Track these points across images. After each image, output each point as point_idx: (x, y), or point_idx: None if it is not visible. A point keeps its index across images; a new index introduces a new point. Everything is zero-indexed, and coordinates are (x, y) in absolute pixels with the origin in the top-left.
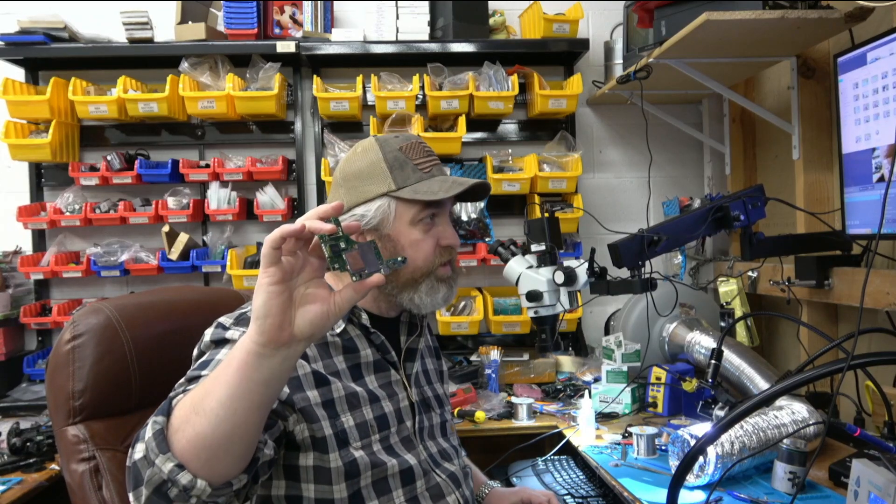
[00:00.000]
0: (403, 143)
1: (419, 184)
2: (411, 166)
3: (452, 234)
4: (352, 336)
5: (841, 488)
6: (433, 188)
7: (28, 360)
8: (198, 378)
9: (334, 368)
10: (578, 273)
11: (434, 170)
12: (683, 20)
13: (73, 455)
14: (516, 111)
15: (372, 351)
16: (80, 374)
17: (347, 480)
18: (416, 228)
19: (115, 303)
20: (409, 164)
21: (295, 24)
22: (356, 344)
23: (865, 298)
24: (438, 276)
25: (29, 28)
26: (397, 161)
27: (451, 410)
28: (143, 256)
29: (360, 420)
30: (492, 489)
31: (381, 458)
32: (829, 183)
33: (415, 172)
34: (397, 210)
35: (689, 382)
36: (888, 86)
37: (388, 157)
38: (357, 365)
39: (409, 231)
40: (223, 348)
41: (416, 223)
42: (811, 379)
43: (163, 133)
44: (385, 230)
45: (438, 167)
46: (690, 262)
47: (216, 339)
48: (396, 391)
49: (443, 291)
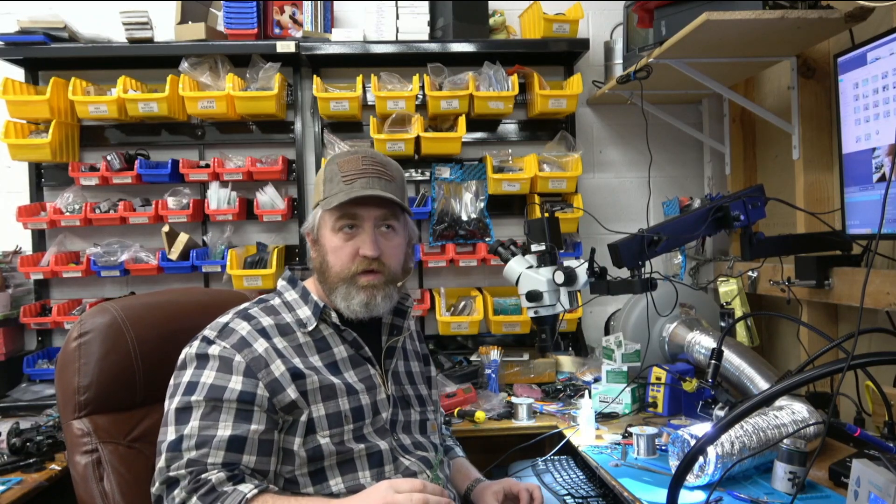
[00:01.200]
0: (345, 157)
1: (334, 195)
2: (338, 178)
3: (370, 244)
4: (324, 335)
5: (841, 488)
6: (337, 198)
7: (28, 360)
8: (189, 409)
9: (311, 365)
10: (578, 273)
11: (358, 182)
12: (683, 20)
13: (77, 447)
14: (516, 111)
15: (345, 347)
16: (85, 371)
17: (310, 462)
18: (337, 236)
19: (121, 303)
20: (337, 177)
21: (295, 24)
22: (329, 342)
23: (865, 298)
24: (358, 284)
25: (29, 28)
26: (330, 175)
27: (440, 414)
28: (143, 256)
29: (332, 410)
30: (480, 482)
31: (348, 445)
32: (829, 183)
33: (338, 184)
34: (322, 218)
35: (689, 382)
36: (888, 86)
37: (327, 171)
38: (333, 362)
39: (331, 237)
40: (206, 364)
41: (336, 231)
42: (811, 379)
43: (163, 133)
44: (316, 236)
45: (368, 179)
46: (690, 262)
47: (200, 354)
48: (376, 384)
49: (359, 298)
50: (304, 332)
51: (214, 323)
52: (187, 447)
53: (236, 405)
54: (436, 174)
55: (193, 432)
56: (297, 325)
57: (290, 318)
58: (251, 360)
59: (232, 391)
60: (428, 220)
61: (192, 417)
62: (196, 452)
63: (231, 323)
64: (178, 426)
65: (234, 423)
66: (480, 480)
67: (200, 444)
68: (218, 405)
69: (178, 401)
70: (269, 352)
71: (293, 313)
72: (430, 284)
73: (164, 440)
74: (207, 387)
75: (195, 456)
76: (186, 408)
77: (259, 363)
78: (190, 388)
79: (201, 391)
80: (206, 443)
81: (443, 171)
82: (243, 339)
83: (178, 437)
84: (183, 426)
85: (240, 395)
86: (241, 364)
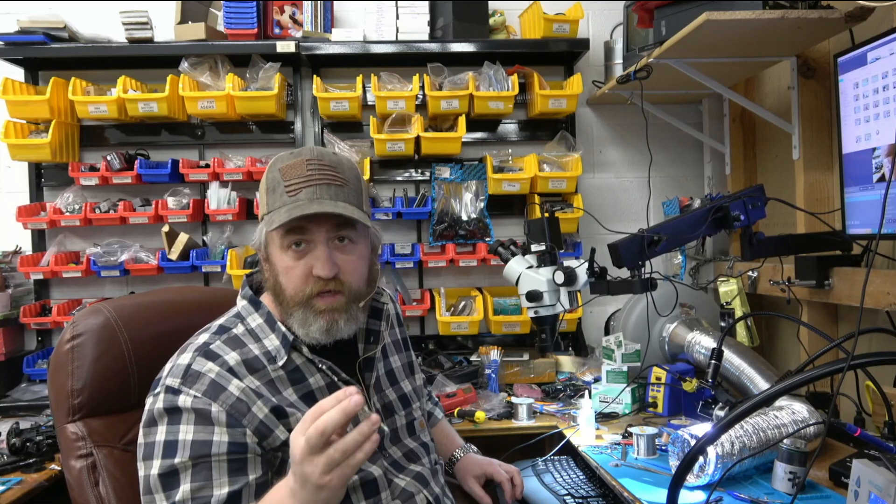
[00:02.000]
0: (288, 161)
1: (279, 210)
2: (281, 189)
3: (324, 263)
4: (297, 364)
5: (841, 488)
6: (278, 216)
7: (28, 360)
8: (175, 473)
9: (289, 401)
10: (578, 273)
11: (303, 192)
12: (683, 20)
13: (72, 451)
14: (516, 111)
15: (321, 376)
16: (78, 373)
17: None
18: (287, 254)
19: (115, 303)
20: (280, 187)
21: (295, 24)
22: (303, 372)
23: (865, 298)
24: (315, 308)
25: (29, 28)
26: (272, 184)
27: (423, 390)
28: (143, 256)
29: None
30: (467, 454)
31: None
32: (829, 183)
33: (281, 196)
34: (268, 235)
35: (689, 382)
36: (888, 86)
37: (268, 180)
38: (309, 393)
39: (280, 256)
40: (180, 419)
41: (285, 249)
42: (811, 379)
43: (163, 133)
44: (265, 253)
45: (313, 188)
46: (690, 262)
47: (168, 408)
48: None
49: (318, 324)
50: (273, 367)
51: (174, 366)
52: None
53: (227, 458)
54: (436, 174)
55: (186, 497)
56: (266, 359)
57: (258, 349)
58: (230, 406)
59: (219, 444)
60: (428, 220)
61: (182, 481)
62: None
63: (194, 365)
64: (167, 493)
65: (230, 479)
66: (465, 450)
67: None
68: (206, 462)
69: (158, 465)
70: (248, 392)
71: (259, 344)
72: (430, 284)
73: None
74: (189, 444)
75: None
76: (171, 472)
77: (240, 408)
78: (169, 448)
79: (183, 451)
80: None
81: (443, 171)
82: (214, 382)
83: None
84: (174, 492)
85: (229, 447)
86: (220, 414)
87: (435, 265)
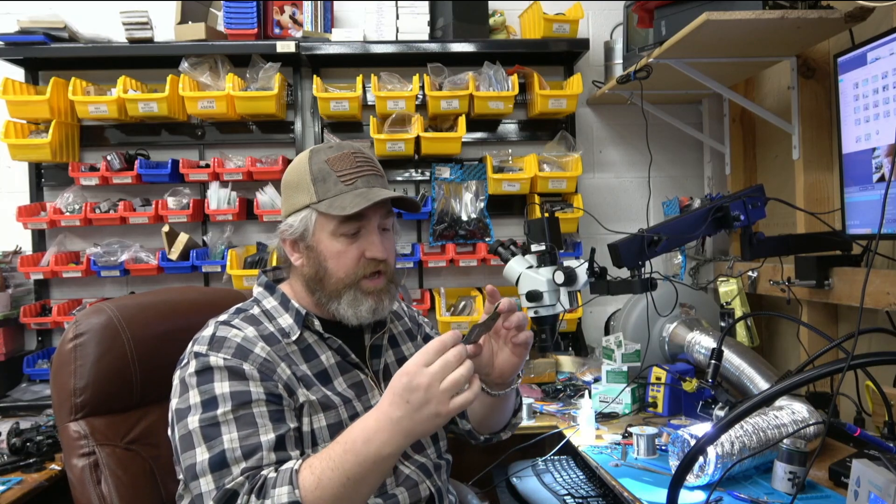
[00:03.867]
0: (333, 153)
1: (337, 197)
2: (333, 178)
3: (378, 247)
4: (309, 343)
5: (841, 488)
6: (345, 202)
7: (28, 360)
8: (217, 425)
9: (305, 373)
10: (578, 273)
11: (359, 181)
12: (683, 20)
13: (74, 450)
14: (516, 111)
15: (332, 354)
16: (81, 372)
17: None
18: (338, 240)
19: (117, 303)
20: (332, 177)
21: (295, 24)
22: (315, 350)
23: (865, 298)
24: (363, 289)
25: (29, 28)
26: (321, 173)
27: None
28: (143, 256)
29: (333, 420)
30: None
31: None
32: (829, 183)
33: (336, 185)
34: (318, 222)
35: (689, 382)
36: (888, 86)
37: (314, 170)
38: (323, 371)
39: (330, 242)
40: (213, 377)
41: (337, 235)
42: (811, 379)
43: (163, 133)
44: (309, 240)
45: (367, 178)
46: (690, 262)
47: (200, 370)
48: (367, 389)
49: (367, 304)
50: (287, 342)
51: (199, 338)
52: (235, 459)
53: (266, 407)
54: (436, 174)
55: (235, 444)
56: (281, 335)
57: (272, 327)
58: (260, 365)
59: (257, 394)
60: (428, 220)
61: (226, 430)
62: (248, 461)
63: (218, 333)
64: (210, 443)
65: (274, 425)
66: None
67: (250, 453)
68: (249, 411)
69: (198, 420)
70: (272, 355)
71: (274, 322)
72: (430, 284)
73: (195, 461)
74: (228, 396)
75: (250, 464)
76: (213, 424)
77: (269, 367)
78: (208, 404)
79: (224, 402)
80: (254, 450)
81: (443, 171)
82: (240, 346)
83: (217, 454)
84: (218, 442)
85: (267, 397)
86: (252, 371)
87: (435, 265)
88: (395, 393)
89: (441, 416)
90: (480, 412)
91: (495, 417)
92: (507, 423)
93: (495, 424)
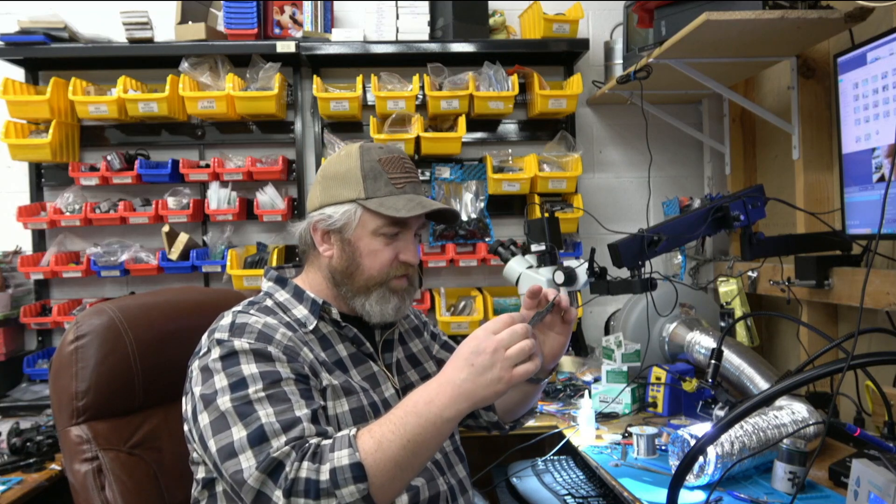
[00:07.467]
0: (385, 155)
1: (387, 198)
2: (385, 179)
3: (413, 252)
4: (324, 333)
5: (841, 488)
6: (398, 205)
7: (28, 360)
8: (251, 403)
9: (325, 360)
10: (578, 273)
11: (407, 187)
12: (683, 20)
13: (76, 455)
14: (516, 111)
15: (346, 345)
16: (83, 375)
17: None
18: (377, 239)
19: (119, 303)
20: (384, 177)
21: (295, 24)
22: (330, 340)
23: (865, 298)
24: (392, 287)
25: (29, 28)
26: (373, 172)
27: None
28: (143, 256)
29: (355, 405)
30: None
31: None
32: (829, 183)
33: (387, 186)
34: (362, 218)
35: (689, 382)
36: (888, 86)
37: (365, 167)
38: (339, 360)
39: (369, 240)
40: (239, 360)
41: (377, 234)
42: (811, 379)
43: (163, 133)
44: (347, 234)
45: (414, 185)
46: (690, 262)
47: (225, 355)
48: (380, 381)
49: (394, 302)
50: (304, 331)
51: (217, 327)
52: (274, 432)
53: (296, 385)
54: (436, 174)
55: (272, 419)
56: (297, 325)
57: (288, 318)
58: (284, 348)
59: (286, 373)
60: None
61: (261, 407)
62: (290, 433)
63: (238, 320)
64: (246, 420)
65: (306, 402)
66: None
67: (289, 426)
68: (279, 388)
69: (229, 399)
70: (294, 340)
71: (289, 313)
72: (430, 284)
73: (232, 440)
74: (258, 376)
75: (292, 435)
76: (246, 402)
77: (292, 350)
78: (238, 385)
79: (255, 381)
80: (294, 423)
81: (443, 171)
82: (262, 332)
83: (256, 428)
84: (254, 418)
85: (296, 376)
86: (278, 353)
87: (435, 265)
88: (460, 357)
89: (503, 381)
90: (517, 398)
91: (527, 403)
92: (530, 408)
93: (521, 411)
